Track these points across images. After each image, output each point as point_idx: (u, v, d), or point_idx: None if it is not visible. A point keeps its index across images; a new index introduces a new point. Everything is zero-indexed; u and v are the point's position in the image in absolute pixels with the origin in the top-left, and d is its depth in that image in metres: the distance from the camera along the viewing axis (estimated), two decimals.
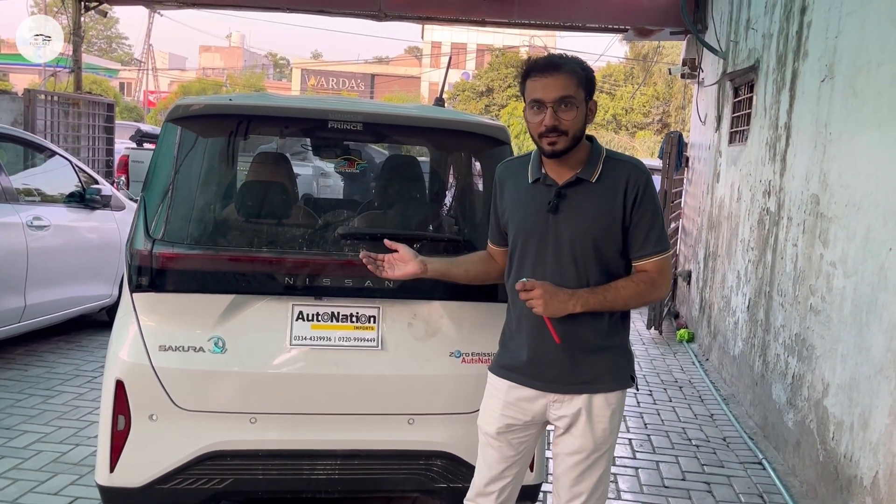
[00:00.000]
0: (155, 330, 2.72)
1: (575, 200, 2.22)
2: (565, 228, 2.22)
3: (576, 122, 2.16)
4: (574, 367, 2.27)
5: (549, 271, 2.24)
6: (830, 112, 4.05)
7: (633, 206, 2.20)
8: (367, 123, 2.89)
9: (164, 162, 2.87)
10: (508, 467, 2.40)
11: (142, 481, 2.70)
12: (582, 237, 2.21)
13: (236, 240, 2.78)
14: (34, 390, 4.83)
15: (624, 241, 2.22)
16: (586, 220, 2.21)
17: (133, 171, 10.53)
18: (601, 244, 2.21)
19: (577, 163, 2.23)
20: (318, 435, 2.79)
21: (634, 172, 2.21)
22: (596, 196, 2.21)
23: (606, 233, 2.21)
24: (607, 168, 2.22)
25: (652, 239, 2.22)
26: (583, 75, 2.17)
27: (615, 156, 2.28)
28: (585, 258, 2.22)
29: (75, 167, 6.15)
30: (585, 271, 2.23)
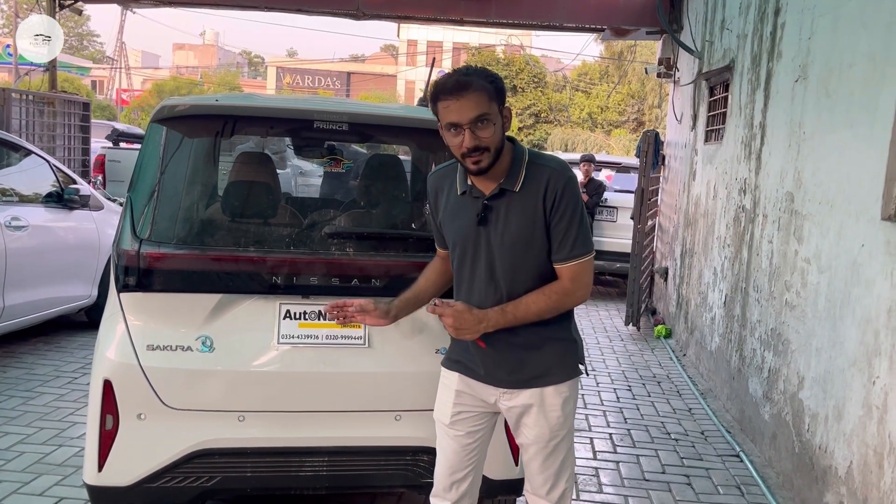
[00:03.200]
0: (142, 329, 2.74)
1: (501, 211, 2.25)
2: (494, 239, 2.26)
3: (495, 137, 2.17)
4: (521, 365, 2.32)
5: (483, 282, 2.30)
6: (804, 111, 4.15)
7: (552, 210, 2.20)
8: (352, 124, 2.92)
9: (149, 162, 2.88)
10: (467, 456, 2.46)
11: (130, 480, 2.71)
12: (510, 247, 2.24)
13: (223, 239, 2.80)
14: (14, 392, 4.80)
15: (548, 243, 2.25)
16: (511, 229, 2.24)
17: (110, 170, 10.44)
18: (528, 252, 2.24)
19: (500, 172, 2.24)
20: (305, 432, 2.82)
21: (553, 176, 2.20)
22: (519, 205, 2.23)
23: (532, 240, 2.23)
24: (529, 174, 2.23)
25: (567, 243, 2.22)
26: (492, 88, 2.16)
27: (537, 160, 2.27)
28: (516, 267, 2.26)
29: (52, 167, 6.10)
30: (517, 280, 2.26)
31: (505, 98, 2.22)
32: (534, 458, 2.41)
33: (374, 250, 2.86)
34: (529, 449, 2.41)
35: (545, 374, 2.33)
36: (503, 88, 2.22)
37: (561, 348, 2.34)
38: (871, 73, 3.37)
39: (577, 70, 42.84)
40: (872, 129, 3.28)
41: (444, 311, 2.21)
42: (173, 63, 67.40)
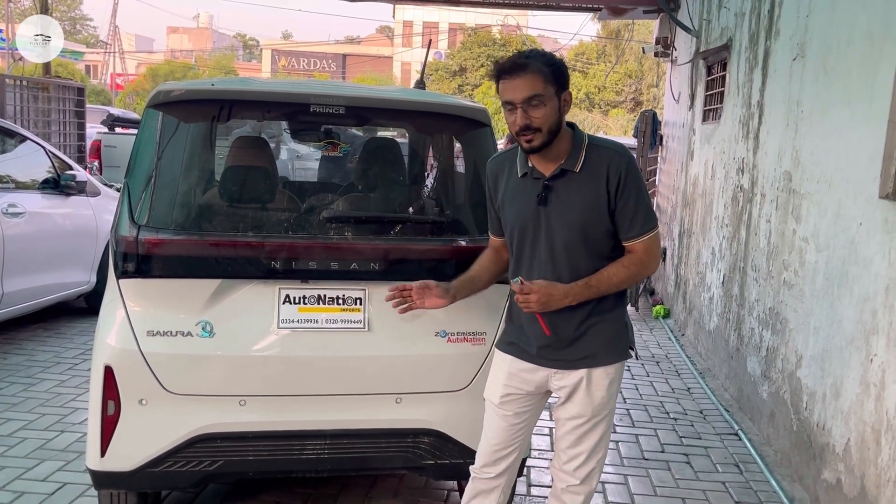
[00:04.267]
0: (142, 315, 2.74)
1: (562, 191, 2.31)
2: (555, 219, 2.32)
3: (547, 119, 2.22)
4: (573, 347, 2.39)
5: (542, 262, 2.36)
6: (802, 90, 4.14)
7: (617, 192, 2.27)
8: (349, 107, 2.90)
9: (146, 148, 2.87)
10: (513, 435, 2.51)
11: (133, 465, 2.73)
12: (570, 227, 2.30)
13: (221, 224, 2.80)
14: (15, 378, 4.82)
15: (613, 224, 2.31)
16: (573, 210, 2.30)
17: (106, 155, 10.39)
18: (589, 231, 2.30)
19: (560, 154, 2.30)
20: (306, 416, 2.83)
21: (616, 159, 2.28)
22: (581, 185, 2.29)
23: (593, 220, 2.29)
24: (590, 156, 2.29)
25: (638, 221, 2.30)
26: (549, 71, 2.22)
27: (597, 142, 2.34)
28: (576, 246, 2.32)
29: (48, 153, 6.08)
30: (577, 258, 2.32)
31: (566, 81, 2.27)
32: (569, 433, 2.47)
33: (373, 234, 2.86)
34: (567, 424, 2.47)
35: (594, 356, 2.39)
36: (564, 72, 2.26)
37: (613, 331, 2.40)
38: (869, 50, 3.36)
39: (574, 50, 42.64)
40: (870, 107, 3.28)
41: (532, 288, 2.25)
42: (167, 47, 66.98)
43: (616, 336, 2.42)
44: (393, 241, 2.87)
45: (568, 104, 2.28)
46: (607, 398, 2.44)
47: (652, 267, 2.38)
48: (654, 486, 3.78)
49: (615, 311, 2.41)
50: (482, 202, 3.03)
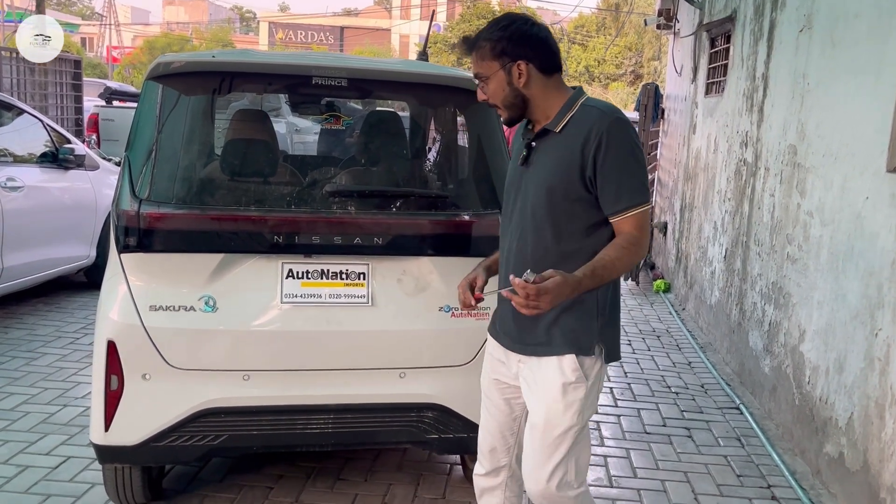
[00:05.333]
0: (145, 290, 2.72)
1: (541, 152, 2.15)
2: (530, 181, 2.15)
3: (496, 95, 2.13)
4: (531, 326, 2.15)
5: (513, 228, 2.20)
6: (808, 62, 4.09)
7: (596, 156, 2.01)
8: (351, 79, 2.86)
9: (146, 121, 2.84)
10: (502, 430, 2.35)
11: (137, 439, 2.72)
12: (538, 188, 2.11)
13: (224, 198, 2.77)
14: (16, 353, 4.81)
15: (589, 193, 2.06)
16: (544, 170, 2.11)
17: (104, 129, 10.33)
18: (555, 196, 2.08)
19: (549, 115, 2.14)
20: (310, 390, 2.83)
21: (600, 120, 2.03)
22: (557, 145, 2.10)
23: (561, 182, 2.07)
24: (576, 117, 2.09)
25: (623, 193, 2.03)
26: (489, 46, 2.09)
27: (591, 104, 2.12)
28: (542, 213, 2.11)
29: (46, 126, 6.03)
30: (543, 227, 2.11)
31: (518, 48, 2.08)
32: (527, 443, 2.23)
33: (377, 208, 2.84)
34: (526, 431, 2.24)
35: (547, 343, 2.14)
36: (513, 42, 2.08)
37: (573, 318, 2.11)
38: (877, 22, 3.31)
39: (574, 22, 42.29)
40: (878, 80, 3.24)
41: (548, 287, 1.90)
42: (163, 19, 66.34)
43: (579, 325, 2.11)
44: (397, 215, 2.85)
45: (523, 74, 2.08)
46: (562, 408, 2.11)
47: (645, 245, 2.09)
48: (655, 459, 3.79)
49: (585, 300, 2.09)
50: (486, 175, 3.02)
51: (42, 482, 3.24)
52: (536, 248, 2.13)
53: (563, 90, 2.15)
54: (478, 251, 2.89)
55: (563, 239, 2.11)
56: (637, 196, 2.05)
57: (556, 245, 2.11)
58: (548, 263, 2.02)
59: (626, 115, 2.11)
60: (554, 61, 2.14)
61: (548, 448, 2.15)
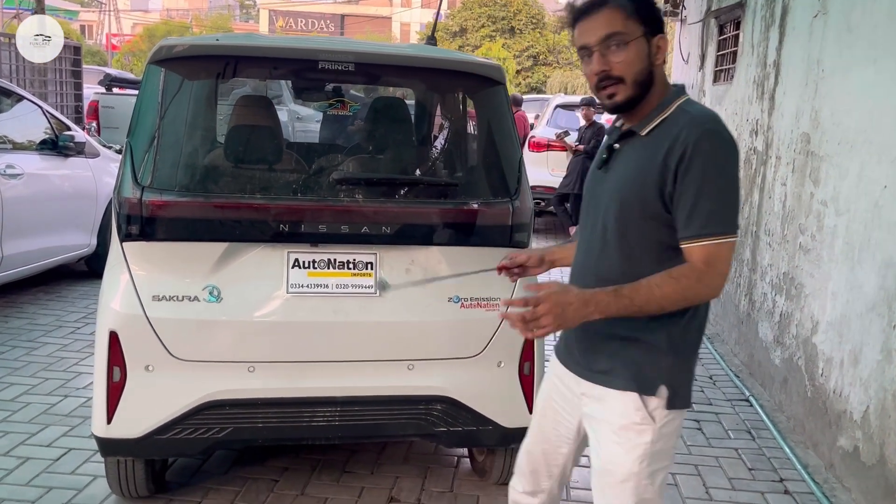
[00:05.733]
0: (147, 280, 2.66)
1: (622, 157, 1.85)
2: (605, 188, 1.86)
3: (632, 65, 1.75)
4: (595, 351, 1.88)
5: (584, 241, 1.94)
6: (823, 48, 4.01)
7: (678, 171, 1.69)
8: (359, 64, 2.79)
9: (148, 106, 2.76)
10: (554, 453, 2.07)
11: (140, 432, 2.67)
12: (612, 199, 1.82)
13: (228, 186, 2.70)
14: (17, 342, 4.75)
15: (668, 213, 1.75)
16: (620, 179, 1.81)
17: (104, 116, 10.24)
18: (628, 210, 1.78)
19: (643, 115, 1.82)
20: (317, 382, 2.77)
21: (689, 129, 1.70)
22: (639, 152, 1.79)
23: (636, 195, 1.76)
24: (668, 121, 1.77)
25: (698, 215, 1.68)
26: (633, 6, 1.75)
27: (687, 108, 1.78)
28: (613, 227, 1.82)
29: (46, 113, 5.95)
30: (612, 245, 1.83)
31: (657, 23, 1.78)
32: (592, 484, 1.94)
33: (385, 196, 2.77)
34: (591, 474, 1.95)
35: (608, 373, 1.85)
36: (652, 7, 1.79)
37: (638, 352, 1.81)
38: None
39: None
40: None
41: (540, 298, 1.69)
42: (163, 6, 66.00)
43: (644, 360, 1.81)
44: (405, 203, 2.78)
45: (662, 52, 1.78)
46: (623, 450, 1.81)
47: (712, 285, 1.71)
48: None
49: (652, 331, 1.79)
50: (496, 163, 2.95)
51: (43, 474, 3.19)
52: (601, 267, 1.85)
53: (665, 85, 1.83)
54: (488, 240, 2.84)
55: (633, 261, 1.80)
56: (713, 223, 1.69)
57: (624, 267, 1.80)
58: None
59: (726, 128, 1.76)
60: None
61: (609, 496, 1.87)
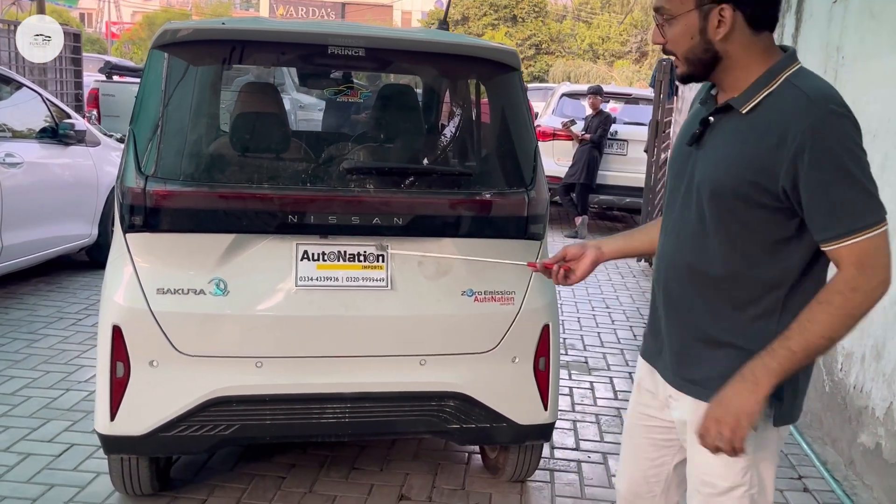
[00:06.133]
0: (151, 272, 2.57)
1: (718, 133, 1.62)
2: (698, 167, 1.64)
3: (679, 42, 1.59)
4: (688, 356, 1.69)
5: (670, 227, 1.72)
6: (843, 36, 3.90)
7: (796, 164, 1.47)
8: (370, 49, 2.69)
9: (151, 92, 2.67)
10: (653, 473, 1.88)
11: (144, 429, 2.59)
12: (705, 181, 1.60)
13: (235, 175, 2.61)
14: (17, 334, 4.67)
15: (780, 203, 1.53)
16: (717, 161, 1.60)
17: (104, 104, 10.13)
18: (729, 198, 1.56)
19: (741, 84, 1.59)
20: (326, 378, 2.69)
21: (805, 111, 1.47)
22: (739, 133, 1.57)
23: (739, 184, 1.54)
24: (774, 98, 1.54)
25: (840, 213, 1.47)
26: None
27: (798, 81, 1.53)
28: (708, 217, 1.60)
29: (46, 100, 5.84)
30: (706, 237, 1.61)
31: None
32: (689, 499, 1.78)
33: (397, 186, 2.68)
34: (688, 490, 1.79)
35: (704, 383, 1.64)
36: None
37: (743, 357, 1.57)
38: None
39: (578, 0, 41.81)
40: None
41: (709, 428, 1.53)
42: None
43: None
44: (417, 193, 2.69)
45: (725, 23, 1.53)
46: (722, 461, 1.60)
47: (872, 285, 1.48)
48: None
49: (755, 337, 1.58)
50: (511, 152, 2.86)
51: (45, 471, 3.11)
52: (697, 258, 1.64)
53: (769, 54, 1.57)
54: (502, 232, 2.75)
55: (736, 255, 1.59)
56: (859, 216, 1.48)
57: (727, 261, 1.60)
58: (710, 286, 1.62)
59: (844, 104, 1.51)
60: (771, 13, 1.58)
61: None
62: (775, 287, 1.58)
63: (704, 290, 1.64)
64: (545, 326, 2.82)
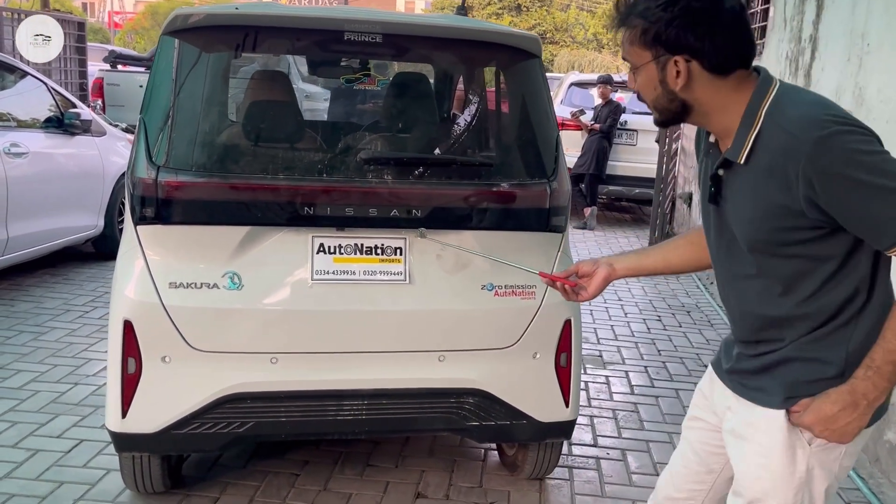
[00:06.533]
0: (163, 266, 2.50)
1: (731, 189, 1.54)
2: (732, 223, 1.56)
3: (646, 91, 1.54)
4: (750, 358, 1.63)
5: (722, 284, 1.66)
6: (868, 21, 3.81)
7: (817, 204, 1.39)
8: (388, 35, 2.60)
9: (162, 80, 2.59)
10: (689, 477, 1.82)
11: (156, 427, 2.52)
12: (741, 242, 1.54)
13: (249, 166, 2.53)
14: (24, 327, 4.60)
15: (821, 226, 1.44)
16: (742, 220, 1.52)
17: (109, 94, 10.04)
18: (769, 254, 1.50)
19: (728, 129, 1.51)
20: (343, 374, 2.61)
21: (791, 158, 1.38)
22: (748, 185, 1.48)
23: (770, 239, 1.48)
24: (763, 140, 1.44)
25: (884, 226, 1.37)
26: (641, 27, 1.48)
27: (778, 117, 1.43)
28: (759, 269, 1.54)
29: (51, 89, 5.76)
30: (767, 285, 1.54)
31: (679, 41, 1.45)
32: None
33: (416, 177, 2.59)
34: None
35: (759, 388, 1.59)
36: (668, 29, 1.45)
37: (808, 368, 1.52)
38: None
39: None
40: None
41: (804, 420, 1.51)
42: None
43: (808, 380, 1.52)
44: (437, 184, 2.61)
45: (682, 74, 1.47)
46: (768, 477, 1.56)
47: None
48: None
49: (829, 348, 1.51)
50: (532, 142, 2.78)
51: (54, 468, 3.05)
52: (764, 309, 1.56)
53: (741, 91, 1.49)
54: (523, 224, 2.68)
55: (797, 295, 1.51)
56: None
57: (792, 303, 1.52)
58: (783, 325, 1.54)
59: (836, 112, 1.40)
60: (738, 52, 1.47)
61: None
62: (849, 302, 1.50)
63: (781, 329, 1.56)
64: (567, 321, 2.74)
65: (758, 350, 1.60)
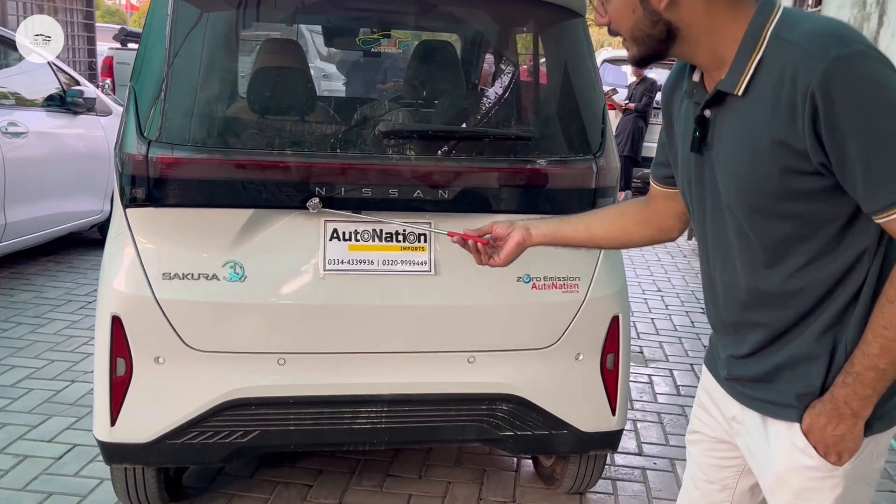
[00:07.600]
0: (156, 254, 2.19)
1: (723, 128, 1.28)
2: (716, 179, 1.31)
3: (622, 17, 1.29)
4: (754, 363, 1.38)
5: (712, 250, 1.39)
6: None
7: (819, 135, 1.14)
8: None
9: (155, 43, 2.27)
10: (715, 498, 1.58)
11: (150, 436, 2.23)
12: (731, 195, 1.29)
13: (253, 140, 2.21)
14: (22, 318, 4.34)
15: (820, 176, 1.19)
16: (733, 167, 1.27)
17: (119, 73, 9.72)
18: (767, 209, 1.25)
19: (723, 60, 1.26)
20: (359, 378, 2.31)
21: (804, 71, 1.13)
22: (748, 124, 1.23)
23: (769, 190, 1.22)
24: (766, 65, 1.19)
25: (881, 180, 1.13)
26: None
27: (787, 35, 1.18)
28: (752, 229, 1.28)
29: (53, 67, 5.47)
30: (761, 249, 1.29)
31: None
32: None
33: (442, 153, 2.27)
34: None
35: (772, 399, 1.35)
36: None
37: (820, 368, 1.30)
38: None
39: None
40: None
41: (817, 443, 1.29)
42: None
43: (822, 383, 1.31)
44: (466, 161, 2.28)
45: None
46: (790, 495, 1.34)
47: None
48: None
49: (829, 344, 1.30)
50: (576, 113, 2.45)
51: (42, 476, 2.78)
52: (755, 280, 1.32)
53: (738, 9, 1.23)
54: (566, 207, 2.34)
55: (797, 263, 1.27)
56: None
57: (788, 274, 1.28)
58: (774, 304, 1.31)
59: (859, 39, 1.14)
60: None
61: None
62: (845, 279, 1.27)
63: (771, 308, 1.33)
64: (614, 318, 2.42)
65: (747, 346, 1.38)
